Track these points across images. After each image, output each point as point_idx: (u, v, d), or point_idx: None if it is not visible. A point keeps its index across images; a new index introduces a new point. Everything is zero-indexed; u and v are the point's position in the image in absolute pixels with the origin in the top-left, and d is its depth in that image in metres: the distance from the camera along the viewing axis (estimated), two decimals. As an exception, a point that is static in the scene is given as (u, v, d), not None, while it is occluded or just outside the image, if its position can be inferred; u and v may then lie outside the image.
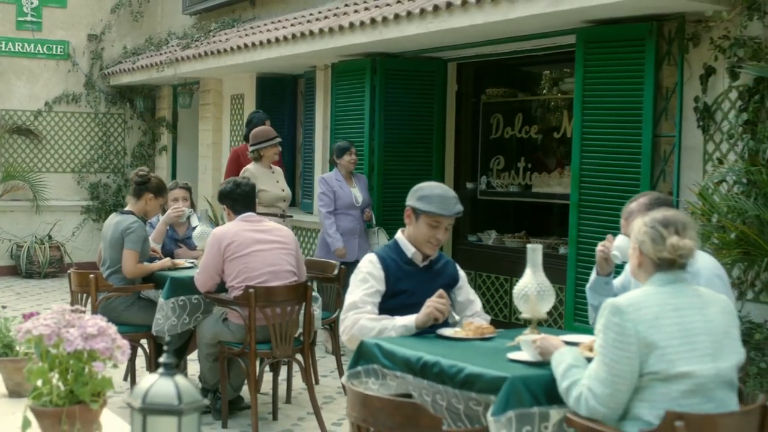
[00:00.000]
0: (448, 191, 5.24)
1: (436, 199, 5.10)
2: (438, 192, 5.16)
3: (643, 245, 3.85)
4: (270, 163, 9.61)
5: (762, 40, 7.04)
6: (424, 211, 5.10)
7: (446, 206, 5.09)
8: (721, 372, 3.70)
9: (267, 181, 9.46)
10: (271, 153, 9.57)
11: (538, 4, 7.71)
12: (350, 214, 9.85)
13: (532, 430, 3.89)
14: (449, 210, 5.09)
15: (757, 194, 6.87)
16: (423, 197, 5.14)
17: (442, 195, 5.13)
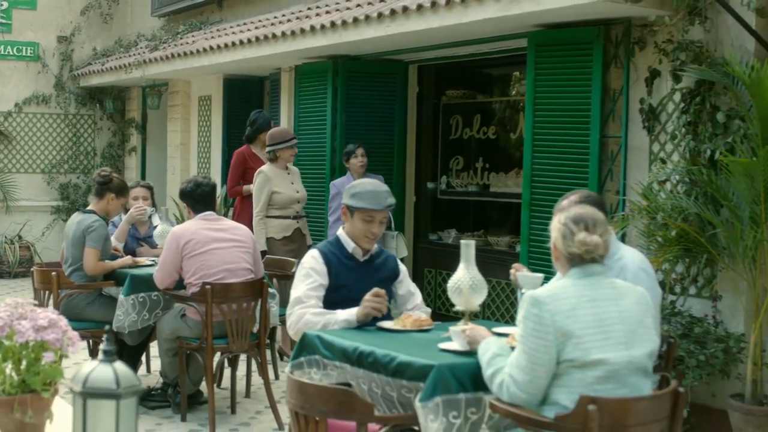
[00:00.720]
0: (379, 186, 5.46)
1: (367, 196, 5.32)
2: (369, 188, 5.39)
3: (556, 241, 4.08)
4: (286, 164, 9.53)
5: (703, 44, 7.27)
6: (357, 207, 5.32)
7: (377, 201, 5.31)
8: (634, 359, 3.92)
9: (281, 182, 9.39)
10: (288, 154, 9.48)
11: (490, 8, 7.92)
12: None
13: (459, 415, 4.11)
14: (380, 204, 5.31)
15: (698, 193, 7.10)
16: (355, 194, 5.36)
17: (372, 191, 5.35)
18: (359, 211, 5.34)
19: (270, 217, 9.35)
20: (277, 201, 9.28)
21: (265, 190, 9.29)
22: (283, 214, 9.35)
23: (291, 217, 9.40)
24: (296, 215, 9.49)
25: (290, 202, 9.41)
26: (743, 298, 6.89)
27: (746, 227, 6.59)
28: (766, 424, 6.59)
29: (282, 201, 9.34)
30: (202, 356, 7.21)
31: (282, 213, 9.35)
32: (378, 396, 4.47)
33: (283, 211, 9.37)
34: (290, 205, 9.42)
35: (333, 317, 5.10)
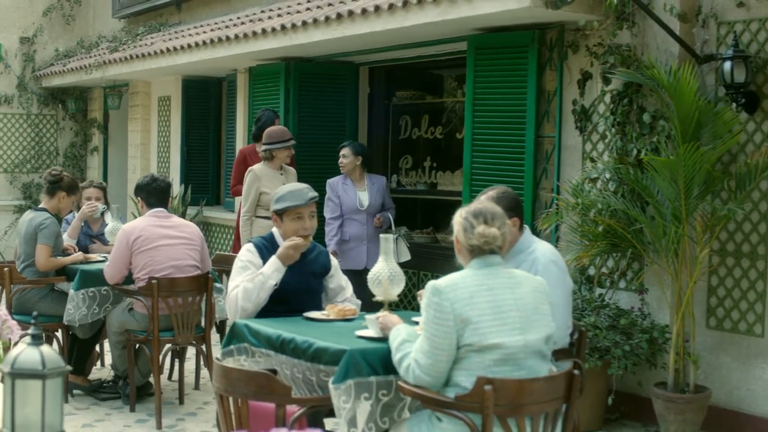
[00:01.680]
0: (298, 185, 5.80)
1: (288, 196, 5.61)
2: (289, 189, 5.72)
3: (458, 234, 4.37)
4: (281, 164, 9.34)
5: (630, 48, 7.58)
6: (283, 209, 5.60)
7: (299, 197, 5.61)
8: (529, 343, 4.21)
9: (272, 183, 9.09)
10: (284, 155, 9.30)
11: (430, 13, 8.21)
12: (356, 219, 9.39)
13: (370, 397, 4.40)
14: (302, 199, 5.62)
15: (625, 191, 7.41)
16: (278, 199, 5.70)
17: (292, 190, 5.66)
18: (286, 213, 5.62)
19: (258, 217, 9.19)
20: (266, 201, 8.88)
21: (253, 189, 9.15)
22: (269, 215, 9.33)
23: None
24: None
25: None
26: (668, 291, 7.19)
27: (669, 223, 6.89)
28: (687, 410, 6.90)
29: (270, 202, 9.19)
30: (149, 348, 7.47)
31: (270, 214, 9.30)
32: (300, 380, 4.75)
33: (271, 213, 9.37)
34: None
35: (262, 276, 5.39)
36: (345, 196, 9.36)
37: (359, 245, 9.29)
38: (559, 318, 5.16)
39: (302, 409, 4.50)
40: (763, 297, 7.08)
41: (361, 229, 9.35)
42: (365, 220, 9.38)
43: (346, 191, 9.38)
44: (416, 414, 4.43)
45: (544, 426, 4.20)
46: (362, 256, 9.22)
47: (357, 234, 9.32)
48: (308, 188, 5.73)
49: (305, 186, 5.78)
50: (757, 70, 7.07)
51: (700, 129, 6.82)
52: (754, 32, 7.11)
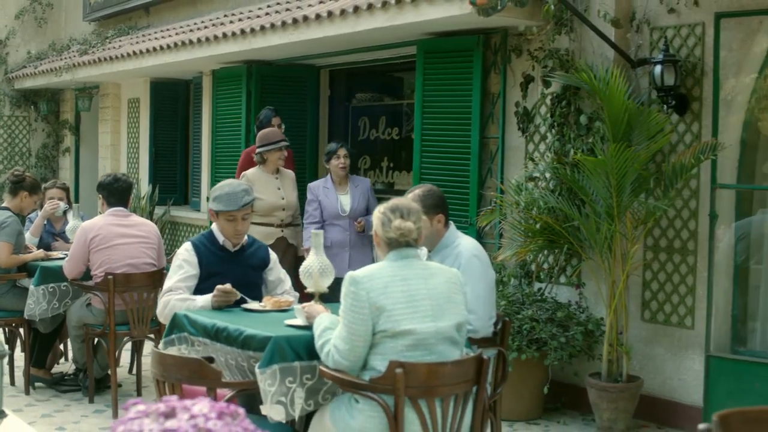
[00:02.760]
0: (236, 187, 6.00)
1: (224, 198, 5.90)
2: (226, 191, 5.95)
3: (377, 228, 4.68)
4: (275, 167, 9.12)
5: (568, 52, 7.91)
6: (217, 210, 5.89)
7: (233, 202, 5.88)
8: (440, 330, 4.52)
9: (266, 187, 9.00)
10: (276, 157, 9.07)
11: (379, 18, 8.54)
12: (338, 225, 8.96)
13: (295, 380, 4.70)
14: (236, 204, 5.89)
15: (562, 189, 7.74)
16: (215, 198, 5.96)
17: (229, 193, 5.92)
18: (221, 213, 5.91)
19: (254, 223, 8.53)
20: (258, 207, 8.49)
21: None
22: (265, 221, 9.01)
23: (275, 225, 9.12)
24: (281, 223, 9.16)
25: (273, 209, 9.08)
26: (603, 285, 7.51)
27: (603, 220, 7.22)
28: (619, 399, 7.23)
29: (263, 207, 8.92)
30: (106, 342, 7.75)
31: (264, 220, 9.01)
32: (233, 366, 5.04)
33: (266, 218, 9.03)
34: (273, 212, 9.10)
35: (192, 303, 5.67)
36: (326, 201, 8.94)
37: (341, 252, 8.86)
38: (481, 308, 5.51)
39: (232, 392, 4.80)
40: (693, 291, 7.40)
41: (343, 235, 8.96)
42: (348, 225, 8.97)
43: (327, 195, 8.96)
44: (338, 397, 4.73)
45: (454, 407, 4.50)
46: (345, 263, 8.56)
47: (339, 240, 8.92)
48: (245, 192, 5.97)
49: (242, 189, 5.99)
50: (687, 74, 7.40)
51: (630, 130, 7.14)
52: (684, 37, 7.44)
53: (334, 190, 8.98)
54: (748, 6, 7.08)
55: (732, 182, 7.35)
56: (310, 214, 8.94)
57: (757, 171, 7.42)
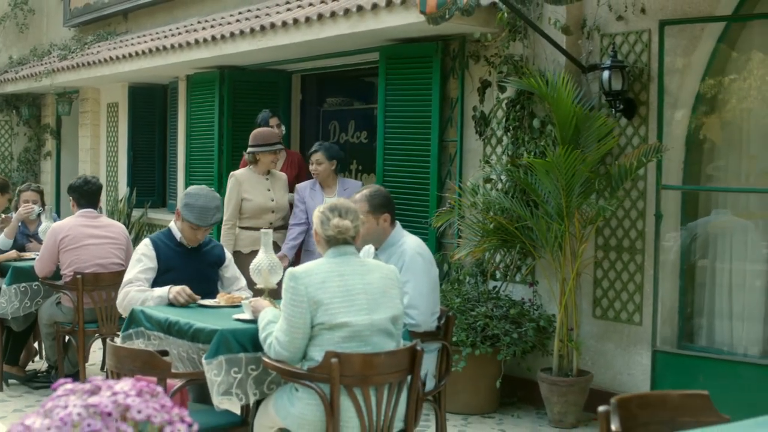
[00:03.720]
0: (210, 202, 6.19)
1: (196, 211, 6.13)
2: (201, 203, 6.15)
3: (317, 226, 4.95)
4: (266, 169, 8.82)
5: (522, 58, 8.19)
6: (185, 218, 6.15)
7: (203, 219, 6.13)
8: (375, 322, 4.79)
9: (255, 189, 8.72)
10: (268, 159, 8.76)
11: (341, 25, 8.82)
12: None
13: (240, 371, 4.97)
14: (205, 222, 6.15)
15: (515, 190, 8.01)
16: (187, 205, 6.17)
17: (203, 207, 6.13)
18: (187, 221, 6.17)
19: (242, 228, 8.72)
20: (247, 209, 8.59)
21: (234, 195, 8.69)
22: (253, 225, 8.65)
23: (264, 228, 8.42)
24: (270, 226, 8.59)
25: (262, 212, 8.75)
26: (555, 283, 7.79)
27: (553, 220, 7.49)
28: (569, 393, 7.50)
29: (252, 209, 8.72)
30: (76, 339, 8.01)
31: (253, 223, 8.69)
32: (185, 358, 5.31)
33: (254, 221, 8.71)
34: (262, 215, 8.76)
35: (150, 294, 5.94)
36: (311, 203, 8.51)
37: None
38: (423, 303, 5.79)
39: (182, 382, 5.06)
40: (641, 288, 7.68)
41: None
42: None
43: (313, 198, 8.65)
44: (281, 387, 5.01)
45: (388, 395, 4.78)
46: None
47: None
48: (216, 209, 6.21)
49: (215, 206, 6.21)
50: (635, 79, 7.68)
51: (578, 133, 7.42)
52: (632, 44, 7.72)
53: (320, 192, 8.74)
54: (691, 14, 7.37)
55: (678, 183, 7.62)
56: (296, 215, 8.76)
57: (702, 172, 7.70)
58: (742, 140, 7.52)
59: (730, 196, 7.60)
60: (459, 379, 7.71)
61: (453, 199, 8.18)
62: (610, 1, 7.81)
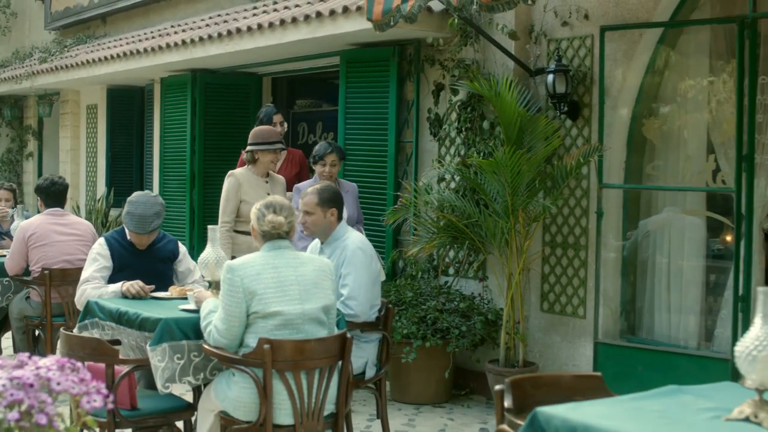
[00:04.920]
0: (148, 210, 6.46)
1: (135, 219, 6.43)
2: (139, 212, 6.44)
3: (254, 222, 5.30)
4: (266, 170, 8.24)
5: (472, 63, 8.54)
6: (126, 226, 6.48)
7: (141, 227, 6.44)
8: (306, 311, 5.13)
9: (254, 191, 8.03)
10: (268, 159, 8.15)
11: (302, 30, 9.17)
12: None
13: (182, 357, 5.31)
14: (143, 230, 6.44)
15: (466, 189, 8.35)
16: (128, 213, 6.48)
17: (141, 215, 6.43)
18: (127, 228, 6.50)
19: (238, 232, 8.12)
20: (244, 213, 7.83)
21: (232, 196, 8.10)
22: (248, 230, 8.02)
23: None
24: None
25: None
26: (503, 278, 8.12)
27: (501, 218, 7.83)
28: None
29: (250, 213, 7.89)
30: (43, 332, 8.34)
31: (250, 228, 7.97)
32: (134, 346, 5.64)
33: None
34: None
35: (105, 290, 6.27)
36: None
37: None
38: (362, 295, 6.15)
39: (129, 368, 5.40)
40: (585, 283, 8.02)
41: None
42: None
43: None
44: (222, 372, 5.35)
45: (318, 379, 5.11)
46: None
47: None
48: (156, 215, 6.47)
49: (154, 213, 6.47)
50: (579, 82, 8.02)
51: (523, 134, 7.76)
52: (576, 48, 8.07)
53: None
54: (630, 20, 7.72)
55: (620, 182, 7.96)
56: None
57: (642, 172, 8.05)
58: (679, 141, 7.86)
59: (669, 194, 7.94)
60: (410, 370, 8.06)
61: (404, 198, 8.48)
62: (556, 8, 8.15)
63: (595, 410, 3.46)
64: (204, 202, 11.79)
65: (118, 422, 5.38)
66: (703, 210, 7.85)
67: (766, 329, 3.33)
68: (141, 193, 6.68)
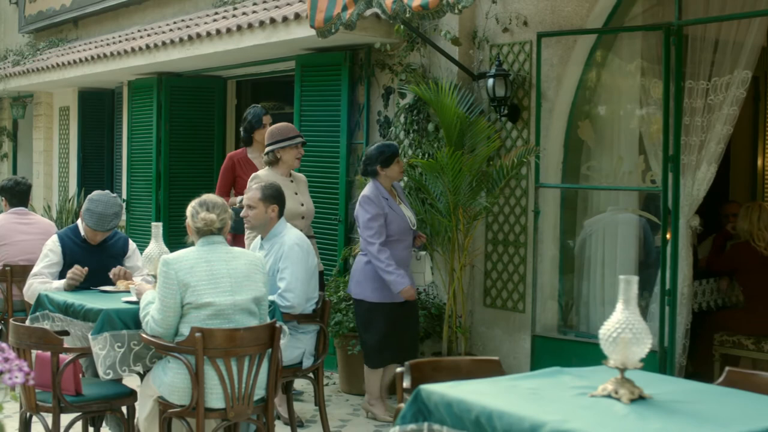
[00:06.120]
0: (108, 209, 6.77)
1: (95, 217, 6.73)
2: (100, 210, 6.75)
3: (189, 219, 5.65)
4: (290, 168, 7.85)
5: (418, 67, 8.89)
6: (85, 222, 6.81)
7: (101, 224, 6.75)
8: (237, 302, 5.48)
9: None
10: (291, 156, 7.76)
11: (258, 36, 9.54)
12: (404, 241, 7.61)
13: (123, 345, 5.66)
14: (102, 227, 6.77)
15: (411, 189, 8.70)
16: (88, 210, 6.76)
17: (101, 214, 6.73)
18: (86, 224, 6.83)
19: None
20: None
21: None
22: None
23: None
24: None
25: (291, 218, 7.37)
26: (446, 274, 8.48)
27: (444, 216, 8.18)
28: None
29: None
30: (5, 327, 8.65)
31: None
32: (81, 337, 5.99)
33: None
34: (291, 222, 7.29)
35: (50, 285, 6.61)
36: (393, 215, 7.50)
37: (405, 272, 7.57)
38: (299, 288, 6.51)
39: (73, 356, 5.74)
40: (524, 279, 8.38)
41: (406, 252, 7.68)
42: (411, 241, 7.74)
43: (392, 207, 7.53)
44: (160, 360, 5.70)
45: (249, 366, 5.46)
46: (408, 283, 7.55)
47: (404, 258, 7.62)
48: (114, 215, 6.79)
49: (113, 213, 6.78)
50: (518, 86, 8.38)
51: (463, 136, 8.12)
52: (516, 54, 8.43)
53: (393, 200, 7.62)
54: (565, 26, 8.08)
55: (557, 182, 8.33)
56: (377, 232, 7.39)
57: (578, 172, 8.41)
58: (613, 142, 8.23)
59: (603, 193, 8.30)
60: (357, 362, 8.40)
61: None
62: (497, 15, 8.52)
63: (472, 387, 3.82)
64: (170, 202, 12.11)
65: (63, 407, 5.72)
66: (637, 209, 8.21)
67: (626, 314, 3.70)
68: (101, 193, 6.97)
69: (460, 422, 3.64)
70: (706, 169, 7.51)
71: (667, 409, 3.59)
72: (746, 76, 7.39)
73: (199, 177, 11.83)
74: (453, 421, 3.68)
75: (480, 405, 3.57)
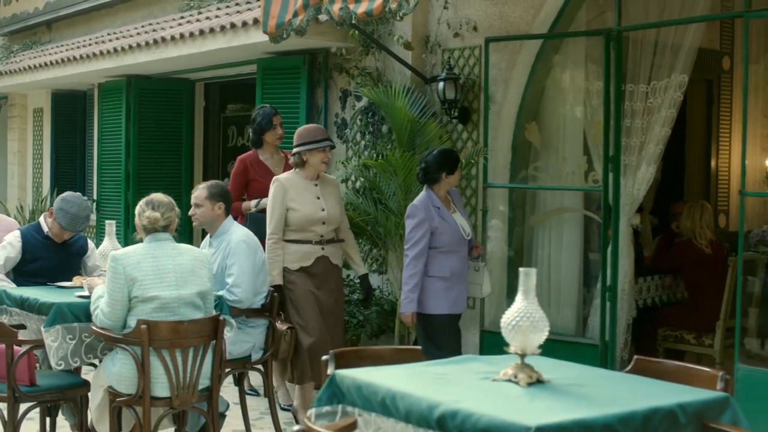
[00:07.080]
0: (81, 212, 7.13)
1: (69, 217, 7.05)
2: (74, 211, 7.08)
3: (136, 217, 5.94)
4: (316, 172, 7.50)
5: (373, 71, 9.19)
6: (57, 220, 7.08)
7: (73, 225, 7.09)
8: (182, 296, 5.75)
9: (302, 197, 7.39)
10: (318, 159, 7.42)
11: (219, 40, 9.84)
12: (458, 252, 7.27)
13: (74, 338, 5.93)
14: (74, 228, 7.11)
15: (366, 189, 8.98)
16: (62, 209, 7.07)
17: (75, 215, 7.07)
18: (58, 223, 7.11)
19: (288, 241, 7.42)
20: (293, 220, 7.34)
21: (278, 204, 7.38)
22: (301, 238, 7.40)
23: (312, 241, 7.41)
24: (321, 239, 7.44)
25: (310, 223, 7.34)
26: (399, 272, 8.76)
27: (396, 215, 8.46)
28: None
29: (298, 221, 7.35)
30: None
31: (300, 236, 7.40)
32: (37, 330, 6.25)
33: (302, 234, 7.40)
34: (310, 227, 7.35)
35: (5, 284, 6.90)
36: (445, 225, 7.13)
37: (459, 284, 7.31)
38: (246, 282, 6.76)
39: (27, 348, 6.01)
40: (475, 275, 8.66)
41: (462, 263, 7.34)
42: (467, 251, 7.43)
43: (443, 216, 7.14)
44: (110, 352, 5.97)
45: (193, 357, 5.74)
46: (463, 297, 7.42)
47: (459, 270, 7.29)
48: (87, 218, 7.18)
49: (86, 216, 7.18)
50: (468, 89, 8.68)
51: (414, 138, 8.41)
52: (467, 58, 8.74)
53: (446, 209, 7.23)
54: (512, 32, 8.38)
55: (505, 182, 8.62)
56: (417, 240, 7.10)
57: (526, 172, 8.71)
58: (558, 143, 8.53)
59: (549, 193, 8.60)
60: (315, 356, 8.66)
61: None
62: (449, 20, 8.81)
63: (383, 373, 4.11)
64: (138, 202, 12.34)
65: (18, 397, 5.99)
66: (581, 208, 8.51)
67: (525, 304, 3.99)
68: (74, 195, 7.26)
69: (369, 404, 3.93)
70: (645, 169, 7.80)
71: (560, 391, 3.87)
72: (683, 80, 7.67)
73: (167, 177, 12.12)
74: (363, 403, 3.97)
75: (386, 387, 3.85)
